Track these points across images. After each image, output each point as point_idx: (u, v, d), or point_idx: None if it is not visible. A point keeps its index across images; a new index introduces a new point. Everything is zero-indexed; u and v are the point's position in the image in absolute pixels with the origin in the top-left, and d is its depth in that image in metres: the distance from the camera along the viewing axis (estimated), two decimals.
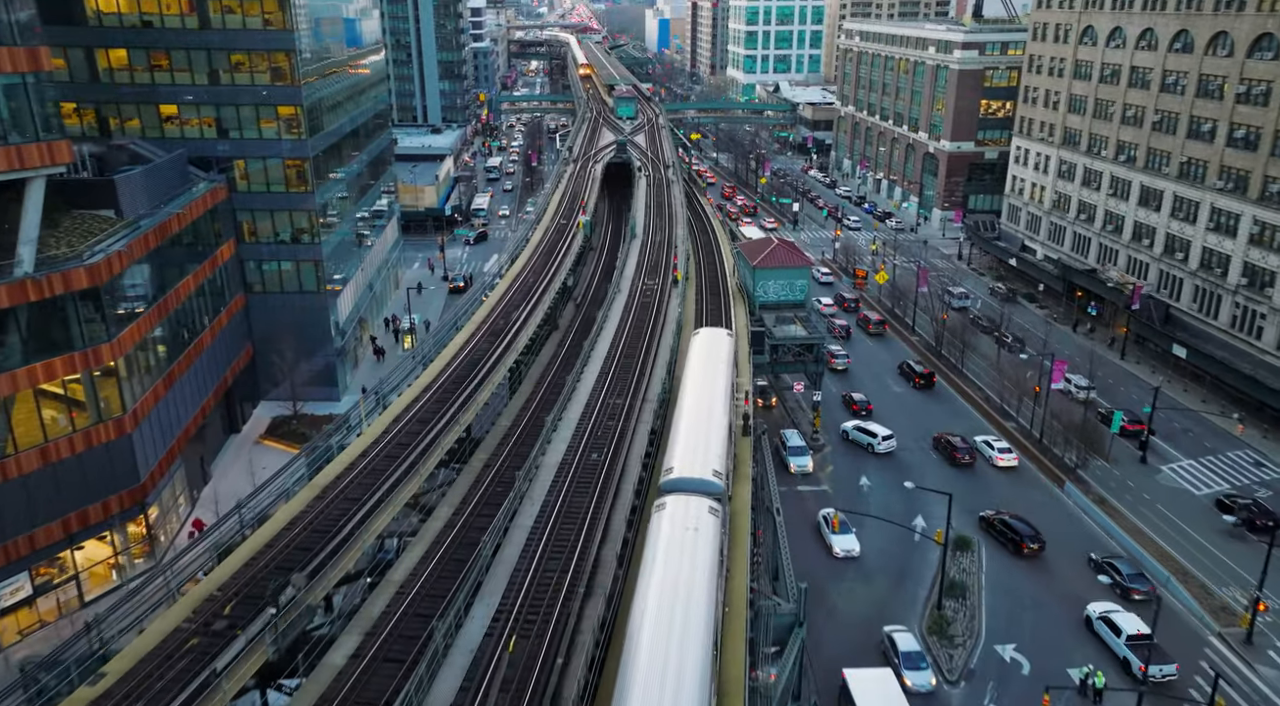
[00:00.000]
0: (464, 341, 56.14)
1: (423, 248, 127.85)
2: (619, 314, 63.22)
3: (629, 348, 56.78)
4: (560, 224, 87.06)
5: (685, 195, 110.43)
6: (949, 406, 79.26)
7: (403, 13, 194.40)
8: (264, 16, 69.13)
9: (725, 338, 50.26)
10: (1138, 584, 52.97)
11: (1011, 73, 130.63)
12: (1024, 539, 57.41)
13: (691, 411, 40.31)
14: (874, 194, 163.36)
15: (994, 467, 68.64)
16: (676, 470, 34.96)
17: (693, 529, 30.64)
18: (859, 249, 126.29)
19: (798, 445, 68.25)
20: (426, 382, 49.95)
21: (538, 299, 64.82)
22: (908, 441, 71.98)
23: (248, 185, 72.97)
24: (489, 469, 44.95)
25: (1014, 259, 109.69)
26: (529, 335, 58.55)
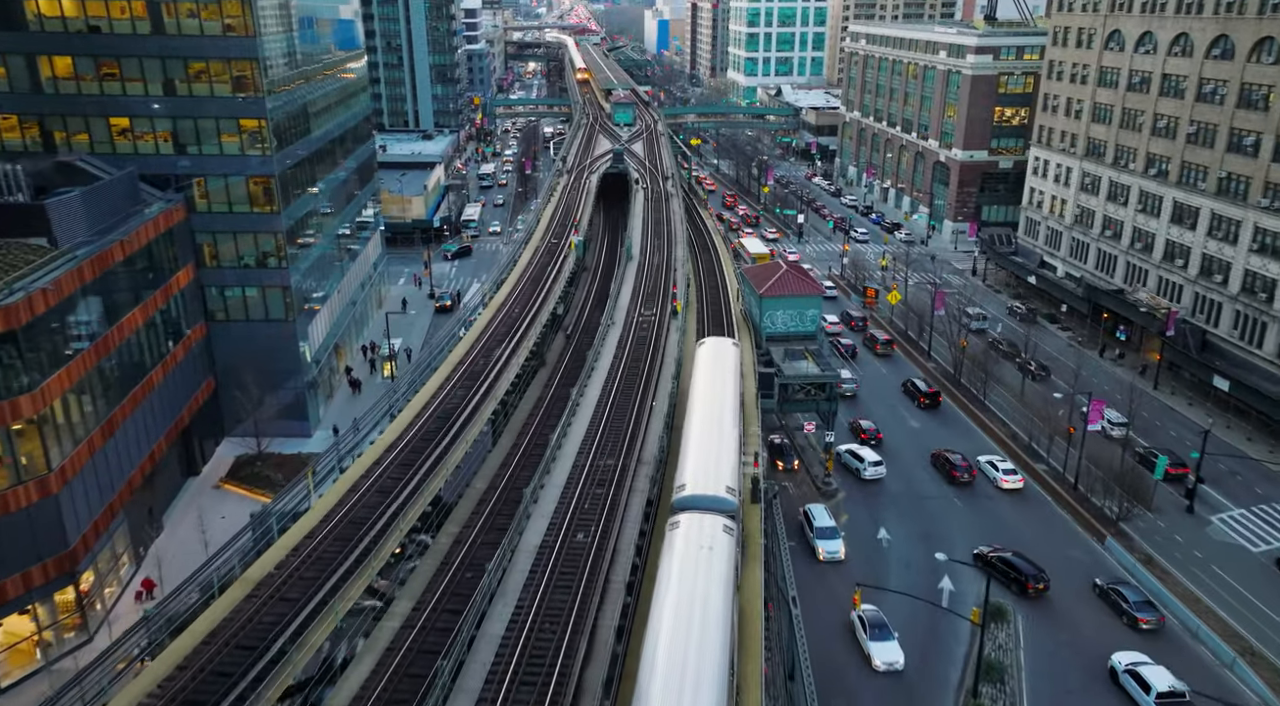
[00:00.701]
0: (437, 387, 50.04)
1: (410, 261, 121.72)
2: (612, 351, 57.10)
3: (622, 394, 50.66)
4: (551, 243, 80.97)
5: (685, 208, 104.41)
6: (969, 439, 73.12)
7: (393, 14, 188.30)
8: (224, 21, 63.00)
9: (731, 347, 50.79)
10: (1145, 612, 50.04)
11: (1027, 78, 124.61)
12: (1028, 578, 53.00)
13: (701, 424, 40.22)
14: (880, 203, 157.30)
15: (998, 490, 65.19)
16: (689, 487, 34.87)
17: (707, 547, 30.52)
18: (867, 263, 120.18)
19: (827, 525, 57.23)
20: (390, 441, 43.84)
21: (523, 333, 58.72)
22: (907, 460, 69.60)
23: (208, 205, 66.87)
24: (459, 545, 38.88)
25: (1033, 276, 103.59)
26: (512, 377, 52.47)
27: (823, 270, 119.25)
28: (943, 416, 79.59)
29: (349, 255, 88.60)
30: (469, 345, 56.65)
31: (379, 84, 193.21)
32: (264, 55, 64.57)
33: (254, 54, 63.53)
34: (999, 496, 64.80)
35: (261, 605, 31.88)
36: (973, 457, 68.23)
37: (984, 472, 67.19)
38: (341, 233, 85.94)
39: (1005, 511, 62.93)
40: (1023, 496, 65.63)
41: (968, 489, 65.59)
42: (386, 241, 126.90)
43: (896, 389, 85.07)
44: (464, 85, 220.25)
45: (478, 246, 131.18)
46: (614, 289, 68.62)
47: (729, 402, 43.12)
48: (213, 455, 69.29)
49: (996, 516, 62.23)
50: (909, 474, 67.76)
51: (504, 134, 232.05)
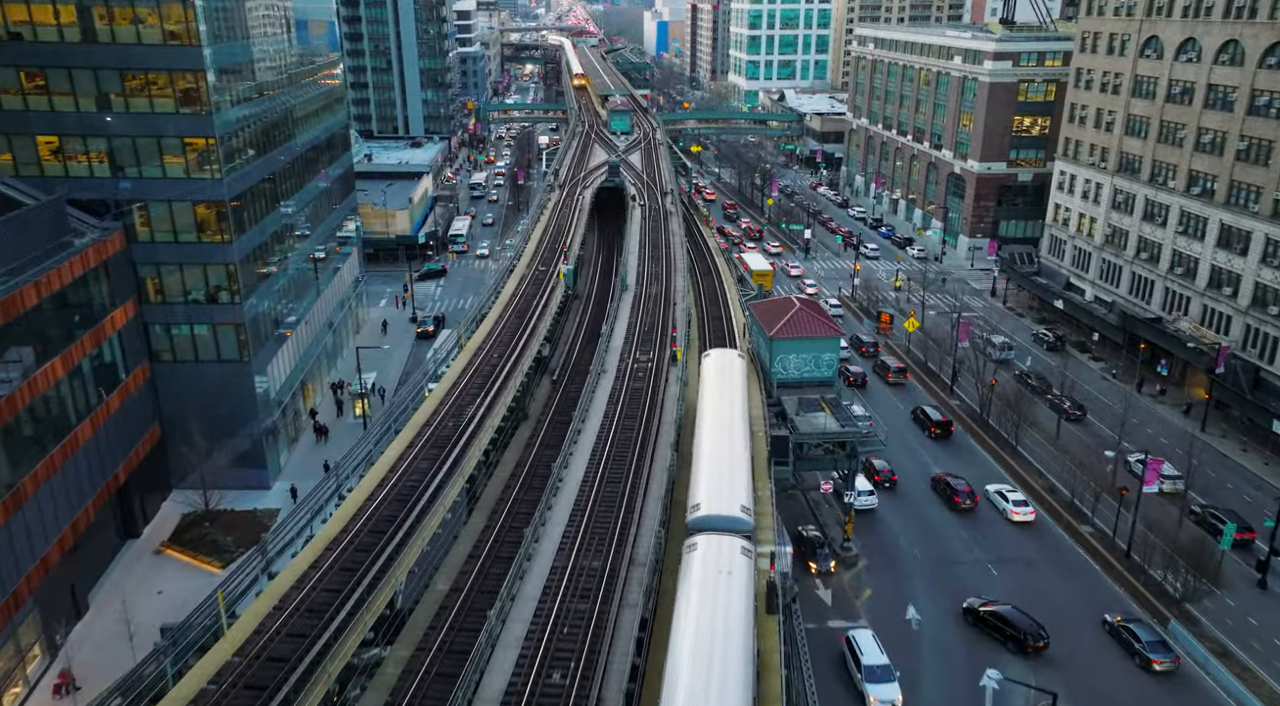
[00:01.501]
0: (396, 459, 42.66)
1: (393, 280, 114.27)
2: (601, 409, 49.71)
3: (613, 467, 43.29)
4: (539, 271, 73.60)
5: (685, 227, 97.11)
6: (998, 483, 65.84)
7: (381, 16, 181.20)
8: (165, 28, 55.69)
9: (738, 359, 51.17)
10: (1159, 653, 47.29)
11: (1049, 86, 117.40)
12: (1026, 636, 48.63)
13: (711, 440, 40.14)
14: (890, 215, 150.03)
15: (1007, 522, 61.73)
16: (704, 507, 34.65)
17: (725, 572, 30.23)
18: (879, 283, 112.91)
19: (879, 662, 45.43)
20: (335, 533, 36.45)
21: (502, 384, 51.35)
22: (909, 483, 66.60)
23: (150, 233, 59.55)
24: (411, 676, 31.55)
25: (1060, 300, 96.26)
26: (485, 443, 45.13)
27: (831, 290, 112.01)
28: (956, 448, 73.89)
29: (321, 280, 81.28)
30: (438, 400, 49.28)
31: (367, 89, 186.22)
32: (212, 65, 57.26)
33: (199, 65, 56.20)
34: (1008, 528, 61.43)
35: None
36: (977, 485, 65.36)
37: (992, 503, 64.06)
38: (312, 256, 78.64)
39: (1016, 544, 59.54)
40: (1035, 530, 61.22)
41: (969, 516, 62.70)
42: (368, 258, 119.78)
43: (906, 418, 79.09)
44: (456, 90, 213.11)
45: (464, 263, 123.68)
46: (606, 327, 61.23)
47: (738, 416, 43.25)
48: (157, 512, 61.92)
49: (1006, 550, 58.94)
50: (912, 502, 64.37)
51: (498, 141, 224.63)
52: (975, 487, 64.95)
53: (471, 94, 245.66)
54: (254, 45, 64.97)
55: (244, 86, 62.87)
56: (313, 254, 79.42)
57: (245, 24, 63.37)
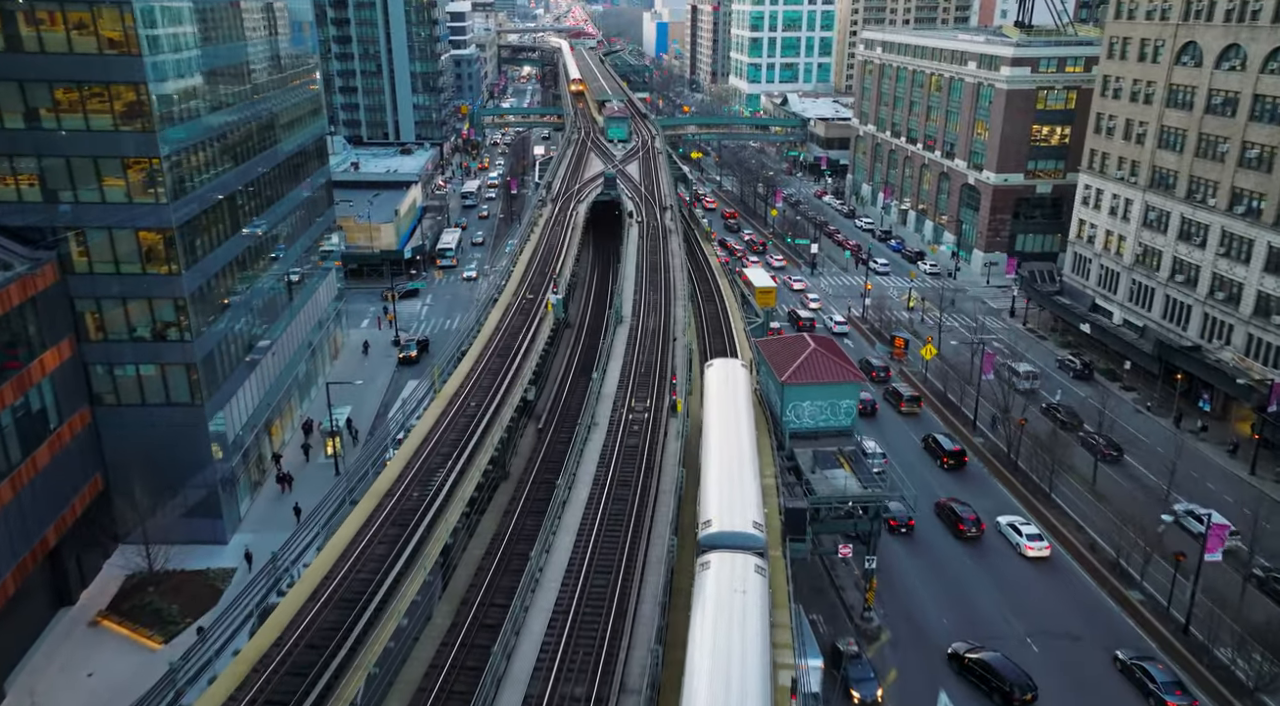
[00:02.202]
0: (348, 541, 36.38)
1: (378, 297, 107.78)
2: (591, 472, 43.42)
3: (603, 551, 37.00)
4: (526, 300, 67.31)
5: (685, 243, 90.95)
6: None
7: (371, 18, 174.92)
8: (100, 36, 49.47)
9: (740, 368, 51.26)
10: (1174, 697, 44.82)
11: (1070, 93, 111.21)
12: (1012, 687, 45.44)
13: (719, 452, 40.29)
14: (899, 226, 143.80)
15: (1021, 557, 58.45)
16: (715, 523, 34.55)
17: (740, 591, 30.20)
18: (890, 301, 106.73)
19: None
20: (265, 648, 30.19)
21: (478, 441, 45.11)
22: (919, 518, 62.04)
23: (89, 264, 53.31)
24: None
25: (1086, 324, 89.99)
26: (455, 519, 38.88)
27: (840, 309, 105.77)
28: (970, 480, 68.99)
29: (293, 305, 75.02)
30: (405, 462, 43.02)
31: (356, 93, 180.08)
32: (156, 77, 51.04)
33: (140, 77, 49.97)
34: (1025, 569, 57.66)
35: None
36: (985, 513, 62.24)
37: (1004, 536, 60.68)
38: (281, 281, 72.41)
39: (1030, 583, 56.18)
40: (1051, 567, 57.78)
41: (975, 545, 59.85)
42: (351, 274, 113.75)
43: (919, 451, 73.72)
44: (449, 93, 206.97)
45: (453, 279, 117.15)
46: (599, 367, 54.96)
47: (744, 428, 43.35)
48: (99, 573, 55.65)
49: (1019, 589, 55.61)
50: (920, 538, 60.04)
51: (492, 147, 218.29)
52: (985, 518, 61.98)
53: (466, 97, 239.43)
54: (209, 52, 58.71)
55: (197, 99, 56.61)
56: (284, 277, 73.22)
57: (198, 28, 57.11)
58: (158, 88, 51.02)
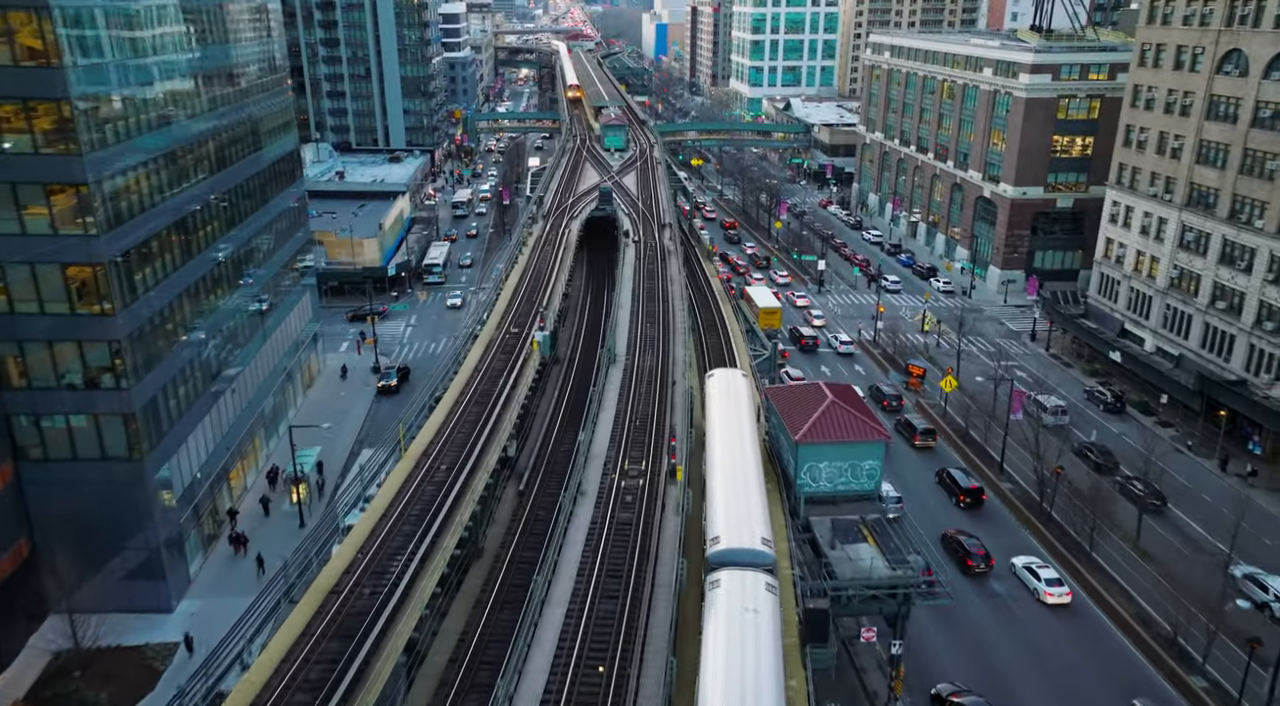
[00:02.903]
0: (280, 657, 30.09)
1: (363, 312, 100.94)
2: (575, 560, 37.09)
3: (584, 684, 30.68)
4: (510, 336, 60.99)
5: (685, 263, 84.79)
6: (1072, 617, 53.48)
7: (359, 20, 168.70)
8: (16, 45, 43.20)
9: (742, 378, 50.93)
10: None
11: (1093, 102, 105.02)
12: None
13: (724, 466, 40.12)
14: (909, 238, 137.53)
15: (1040, 605, 54.13)
16: (724, 540, 34.42)
17: (751, 610, 30.12)
18: (903, 322, 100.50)
19: None
20: None
21: (447, 517, 38.83)
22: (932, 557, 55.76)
23: (9, 303, 47.02)
24: None
25: (1117, 353, 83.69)
26: (411, 625, 32.59)
27: (848, 330, 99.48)
28: (990, 521, 63.74)
29: (258, 336, 68.75)
30: (358, 546, 36.72)
31: (344, 98, 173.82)
32: (83, 92, 44.80)
33: (63, 92, 43.73)
34: (1049, 620, 53.01)
35: None
36: (1000, 553, 58.28)
37: (1020, 580, 56.28)
38: (245, 311, 66.14)
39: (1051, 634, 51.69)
40: (1072, 615, 53.33)
41: (983, 583, 56.02)
42: (332, 292, 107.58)
43: (935, 489, 68.20)
44: (442, 98, 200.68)
45: (436, 299, 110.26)
46: (588, 422, 48.66)
47: (748, 439, 42.94)
48: (21, 651, 49.32)
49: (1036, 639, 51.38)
50: None
51: (486, 153, 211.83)
52: (997, 555, 58.08)
53: (460, 102, 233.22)
54: (151, 62, 52.42)
55: (134, 115, 50.32)
56: (248, 306, 66.96)
57: (134, 35, 50.81)
58: (84, 104, 44.78)
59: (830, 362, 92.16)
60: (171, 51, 55.15)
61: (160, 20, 53.71)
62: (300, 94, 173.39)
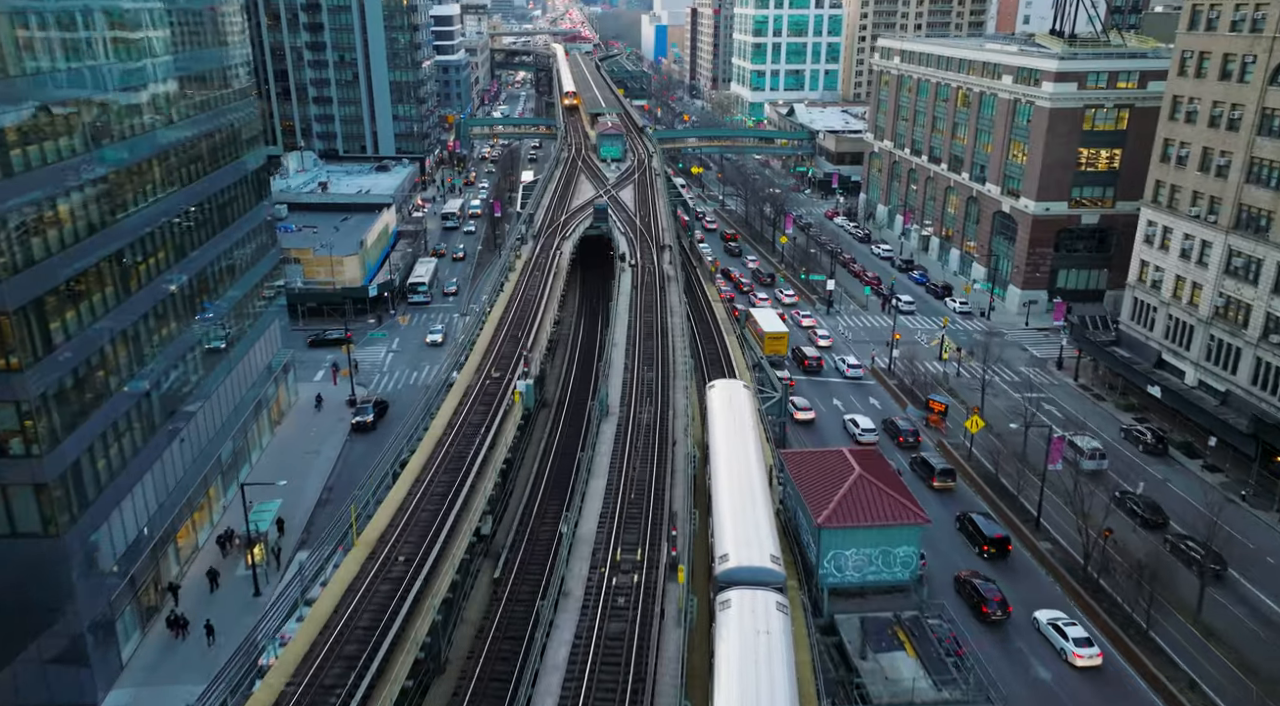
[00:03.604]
0: None
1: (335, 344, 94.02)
2: (556, 685, 30.38)
3: None
4: (491, 380, 54.28)
5: (686, 287, 78.21)
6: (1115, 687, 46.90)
7: (346, 23, 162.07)
8: None
9: (743, 390, 49.99)
10: None
11: (1121, 112, 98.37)
12: None
13: (729, 483, 39.16)
14: (921, 253, 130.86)
15: (1066, 665, 48.99)
16: (733, 558, 33.76)
17: (764, 631, 29.56)
18: (920, 348, 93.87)
19: None
20: None
21: (404, 625, 32.14)
22: None
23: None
24: None
25: (1157, 387, 76.99)
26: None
27: (858, 354, 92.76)
28: (1017, 575, 57.69)
29: (214, 375, 62.07)
30: (288, 675, 29.97)
31: (330, 104, 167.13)
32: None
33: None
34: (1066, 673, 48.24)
35: None
36: (1017, 603, 53.32)
37: (1045, 638, 51.05)
38: (197, 350, 59.46)
39: None
40: (1104, 680, 47.94)
41: (1000, 631, 51.52)
42: (309, 313, 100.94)
43: (954, 540, 61.87)
44: (434, 102, 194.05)
45: (421, 321, 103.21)
46: (575, 495, 41.96)
47: (752, 453, 42.12)
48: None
49: None
50: None
51: (481, 161, 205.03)
52: (1019, 608, 53.03)
53: (454, 106, 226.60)
54: (64, 75, 45.73)
55: (43, 136, 43.61)
56: (201, 344, 60.29)
57: (43, 38, 44.10)
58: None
59: (840, 391, 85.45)
60: (85, 58, 48.37)
61: (80, 22, 47.02)
62: (285, 99, 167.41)
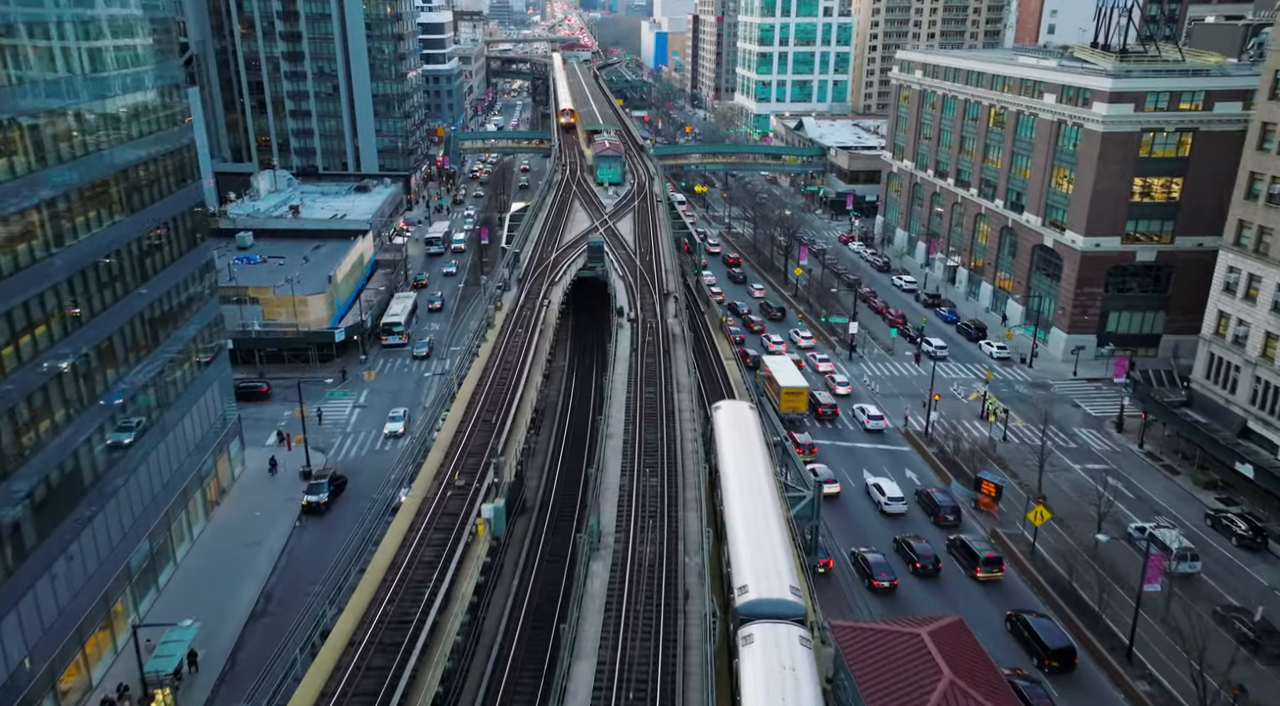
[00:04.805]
0: None
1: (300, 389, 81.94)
2: None
3: None
4: (456, 490, 42.92)
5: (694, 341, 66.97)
6: None
7: (325, 32, 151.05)
8: None
9: (749, 410, 49.80)
10: None
11: (1183, 137, 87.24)
12: None
13: (742, 509, 38.49)
14: (947, 285, 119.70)
15: None
16: (753, 589, 32.77)
17: (789, 667, 28.75)
18: (958, 402, 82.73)
19: None
20: None
21: None
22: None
23: None
24: None
25: (1249, 466, 65.66)
26: None
27: (892, 414, 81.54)
28: (1086, 695, 47.90)
29: (118, 470, 50.75)
30: None
31: (309, 118, 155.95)
32: None
33: None
34: None
35: None
36: None
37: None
38: (98, 441, 48.21)
39: None
40: None
41: None
42: (269, 359, 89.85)
43: (999, 628, 51.83)
44: (421, 116, 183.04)
45: (394, 367, 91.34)
46: (558, 695, 30.62)
47: (763, 477, 41.33)
48: None
49: None
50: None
51: (472, 179, 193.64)
52: None
53: (445, 118, 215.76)
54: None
55: None
56: (106, 431, 49.05)
57: None
58: None
59: (869, 459, 74.14)
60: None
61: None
62: (261, 113, 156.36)
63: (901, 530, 64.33)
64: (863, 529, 64.96)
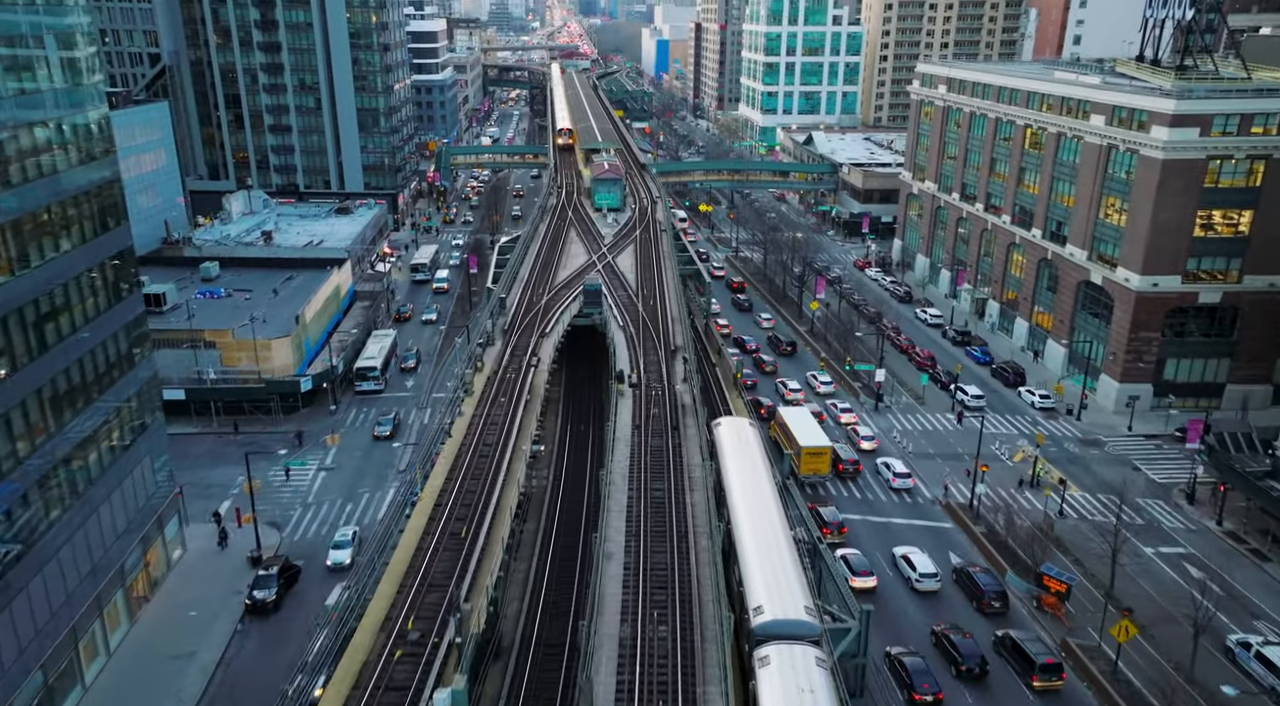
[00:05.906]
0: None
1: (256, 447, 72.09)
2: None
3: None
4: (404, 652, 33.08)
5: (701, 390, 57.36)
6: None
7: (306, 43, 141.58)
8: None
9: (750, 427, 51.38)
10: None
11: (1255, 165, 77.68)
12: None
13: (751, 527, 38.92)
14: (974, 318, 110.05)
15: None
16: (767, 610, 33.20)
17: (808, 690, 28.67)
18: (1000, 463, 73.01)
19: None
20: None
21: None
22: None
23: None
24: None
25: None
26: None
27: (927, 477, 71.86)
28: None
29: (41, 551, 41.01)
30: None
31: (289, 134, 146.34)
32: None
33: None
34: None
35: None
36: None
37: None
38: None
39: None
40: None
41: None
42: (226, 409, 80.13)
43: None
44: (411, 128, 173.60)
45: (368, 419, 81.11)
46: None
47: (770, 497, 41.85)
48: None
49: None
50: None
51: (464, 198, 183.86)
52: None
53: (439, 130, 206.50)
54: None
55: None
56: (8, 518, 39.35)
57: None
58: None
59: (901, 534, 63.98)
60: None
61: None
62: (238, 128, 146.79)
63: (936, 612, 55.49)
64: (892, 613, 55.66)
